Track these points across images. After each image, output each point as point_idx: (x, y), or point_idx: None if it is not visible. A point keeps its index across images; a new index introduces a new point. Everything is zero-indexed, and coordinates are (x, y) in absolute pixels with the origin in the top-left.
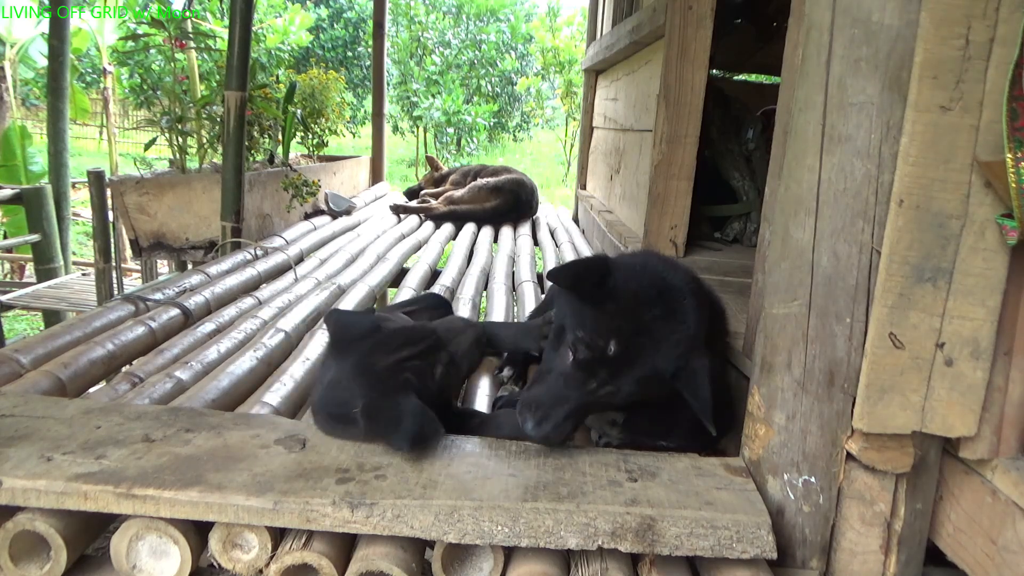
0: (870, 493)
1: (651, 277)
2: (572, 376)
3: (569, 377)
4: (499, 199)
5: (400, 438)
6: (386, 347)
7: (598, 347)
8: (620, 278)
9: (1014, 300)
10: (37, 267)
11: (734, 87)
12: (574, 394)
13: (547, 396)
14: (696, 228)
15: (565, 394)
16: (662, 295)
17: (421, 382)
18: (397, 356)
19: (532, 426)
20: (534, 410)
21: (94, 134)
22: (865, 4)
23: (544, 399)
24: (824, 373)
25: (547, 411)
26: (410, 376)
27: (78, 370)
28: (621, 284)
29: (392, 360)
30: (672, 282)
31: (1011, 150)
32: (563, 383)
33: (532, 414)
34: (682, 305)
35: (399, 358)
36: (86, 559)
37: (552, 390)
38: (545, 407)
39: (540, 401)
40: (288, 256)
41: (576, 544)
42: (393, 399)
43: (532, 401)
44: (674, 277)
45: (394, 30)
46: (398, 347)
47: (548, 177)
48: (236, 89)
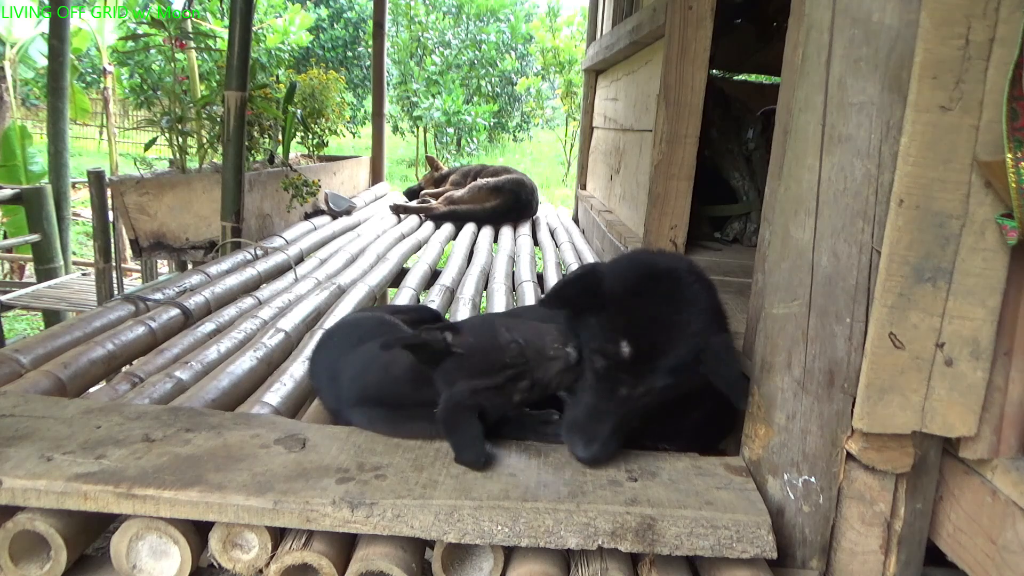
0: (870, 493)
1: (643, 268)
2: (600, 390)
3: (598, 392)
4: (499, 199)
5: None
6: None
7: (611, 352)
8: (611, 280)
9: (1014, 300)
10: (37, 267)
11: (734, 87)
12: (609, 407)
13: (584, 416)
14: (696, 228)
15: (600, 409)
16: (659, 282)
17: (493, 406)
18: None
19: (582, 448)
20: (578, 432)
21: (94, 134)
22: (865, 4)
23: (582, 420)
24: (824, 373)
25: (591, 431)
26: (483, 403)
27: (78, 370)
28: (614, 285)
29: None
30: (666, 267)
31: (1011, 150)
32: (595, 399)
33: (579, 436)
34: (682, 286)
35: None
36: (86, 559)
37: (587, 409)
38: (587, 428)
39: (579, 423)
40: (288, 256)
41: (576, 544)
42: (468, 419)
43: (573, 424)
44: (668, 262)
45: (394, 30)
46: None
47: (548, 177)
48: (236, 89)
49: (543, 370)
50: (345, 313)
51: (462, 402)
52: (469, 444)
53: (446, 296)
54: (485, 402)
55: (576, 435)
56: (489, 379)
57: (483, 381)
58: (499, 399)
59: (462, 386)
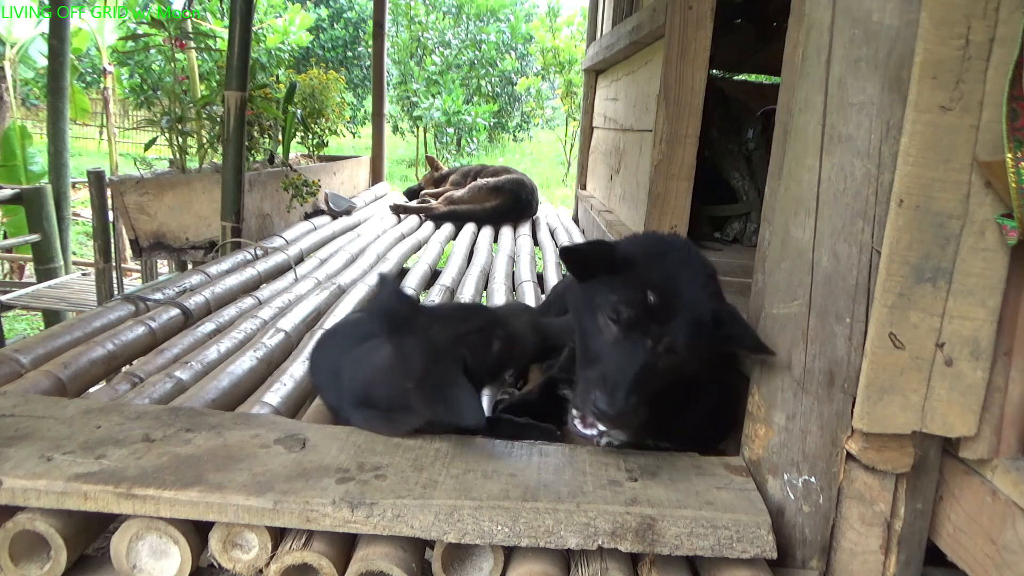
0: (870, 493)
1: (654, 237)
2: (624, 342)
3: (621, 344)
4: (499, 199)
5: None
6: (444, 321)
7: (639, 300)
8: (624, 247)
9: (1014, 300)
10: (37, 267)
11: (734, 87)
12: (635, 359)
13: (603, 371)
14: (696, 228)
15: (624, 363)
16: (672, 248)
17: (477, 358)
18: (455, 331)
19: (605, 400)
20: (597, 387)
21: (94, 134)
22: (865, 4)
23: (600, 375)
24: (824, 373)
25: (612, 383)
26: (466, 352)
27: (78, 370)
28: (630, 250)
29: (450, 334)
30: (674, 239)
31: (1011, 150)
32: (619, 352)
33: (599, 391)
34: (692, 255)
35: (457, 332)
36: (86, 559)
37: (609, 364)
38: (607, 381)
39: (597, 379)
40: (288, 256)
41: (576, 544)
42: (448, 372)
43: (589, 383)
44: (670, 237)
45: (394, 30)
46: (456, 322)
47: (548, 177)
48: (236, 89)
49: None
50: (345, 313)
51: (446, 352)
52: (464, 402)
53: (446, 296)
54: (468, 351)
55: (596, 390)
56: (467, 323)
57: (462, 325)
58: (481, 350)
59: (441, 334)
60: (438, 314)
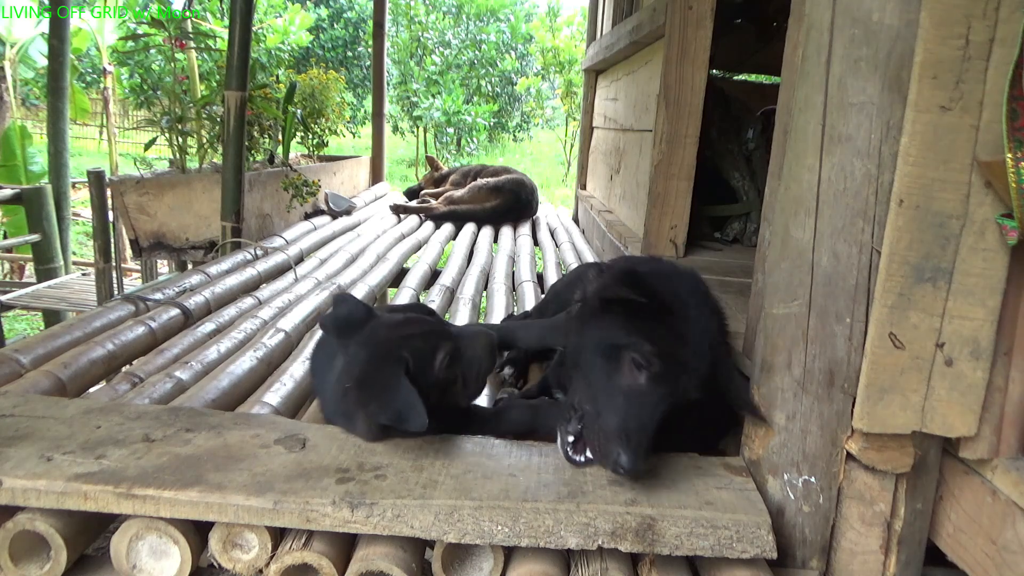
0: (870, 493)
1: (670, 275)
2: (648, 394)
3: (645, 396)
4: (499, 199)
5: (382, 413)
6: (390, 326)
7: (672, 355)
8: (655, 283)
9: (1014, 300)
10: (37, 267)
11: (734, 87)
12: (657, 412)
13: (625, 423)
14: (696, 228)
15: (646, 417)
16: (691, 292)
17: (419, 365)
18: (398, 333)
19: (630, 459)
20: (619, 442)
21: (94, 134)
22: (865, 4)
23: (622, 428)
24: (824, 373)
25: (635, 439)
26: (407, 355)
27: (78, 370)
28: (661, 288)
29: (393, 336)
30: (688, 278)
31: (1011, 150)
32: (642, 406)
33: (622, 446)
34: (709, 299)
35: (400, 334)
36: (86, 559)
37: (632, 417)
38: (631, 436)
39: (618, 431)
40: (288, 256)
41: (576, 544)
42: (388, 373)
43: (610, 433)
44: (687, 275)
45: (394, 30)
46: (401, 326)
47: (548, 177)
48: (236, 89)
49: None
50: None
51: (386, 354)
52: (404, 404)
53: (446, 296)
54: (409, 356)
55: (618, 444)
56: (412, 327)
57: (406, 329)
58: (425, 356)
59: (383, 336)
60: (387, 320)
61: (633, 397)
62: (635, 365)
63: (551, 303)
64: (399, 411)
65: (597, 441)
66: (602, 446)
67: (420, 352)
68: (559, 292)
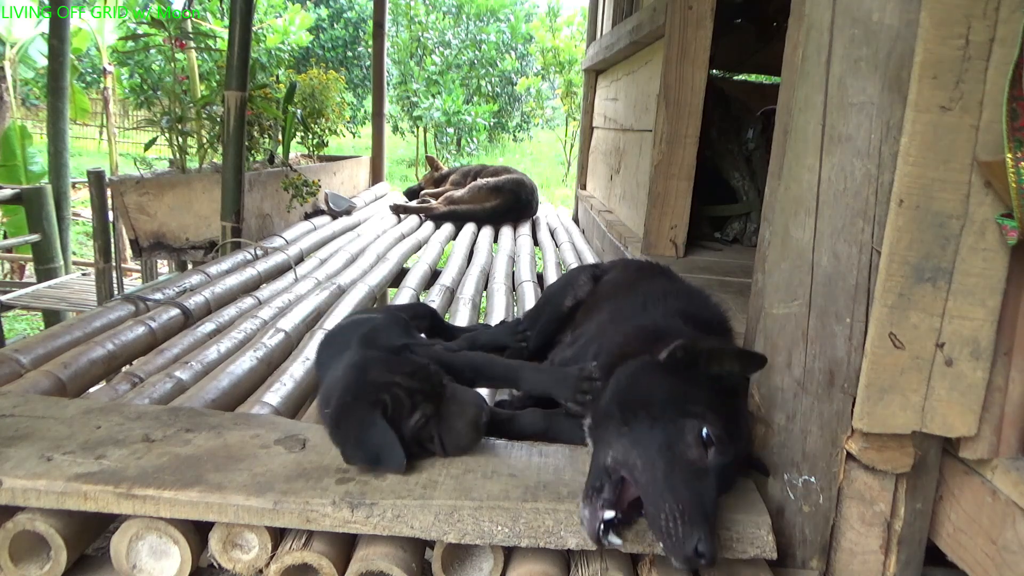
0: (870, 493)
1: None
2: (712, 471)
3: (710, 473)
4: (499, 199)
5: (357, 455)
6: (388, 365)
7: (739, 436)
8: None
9: (1014, 300)
10: (37, 267)
11: (734, 87)
12: (715, 493)
13: (708, 505)
14: (696, 228)
15: (708, 499)
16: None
17: (395, 413)
18: (388, 378)
19: (709, 546)
20: (704, 527)
21: (94, 134)
22: (865, 4)
23: (708, 510)
24: (824, 373)
25: (712, 526)
26: (387, 400)
27: (78, 370)
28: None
29: (382, 379)
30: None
31: (1011, 150)
32: (710, 485)
33: (706, 534)
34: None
35: (389, 380)
36: (86, 559)
37: (707, 497)
38: (710, 523)
39: (705, 514)
40: (288, 256)
41: (576, 544)
42: (365, 413)
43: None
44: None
45: (394, 30)
46: (395, 370)
47: (548, 177)
48: (236, 89)
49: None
50: (345, 313)
51: (365, 394)
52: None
53: (446, 296)
54: (390, 400)
55: (699, 529)
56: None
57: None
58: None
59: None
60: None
61: (697, 474)
62: (705, 442)
63: (544, 308)
64: (376, 453)
65: (664, 520)
66: (674, 528)
67: (398, 401)
68: (551, 297)
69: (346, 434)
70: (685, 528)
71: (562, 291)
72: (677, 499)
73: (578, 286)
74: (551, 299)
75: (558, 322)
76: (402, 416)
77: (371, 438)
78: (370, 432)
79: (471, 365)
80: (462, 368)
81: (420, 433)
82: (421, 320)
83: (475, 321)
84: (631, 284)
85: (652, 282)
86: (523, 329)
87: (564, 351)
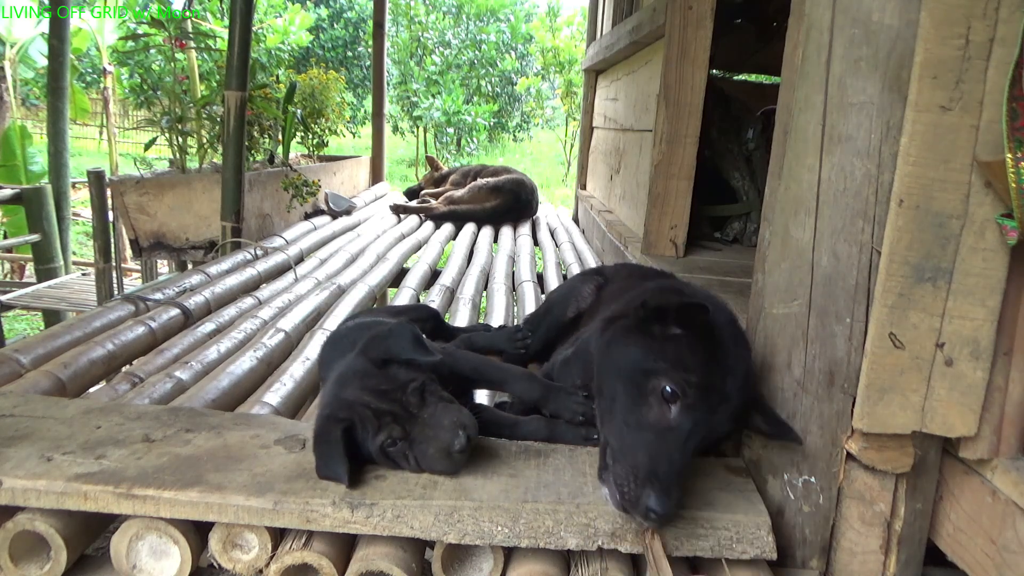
0: (870, 493)
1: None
2: (678, 428)
3: (675, 430)
4: (499, 199)
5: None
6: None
7: (715, 388)
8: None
9: (1014, 300)
10: (37, 267)
11: (734, 87)
12: (688, 449)
13: (662, 463)
14: (696, 228)
15: (678, 454)
16: (727, 321)
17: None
18: (358, 397)
19: (662, 502)
20: (650, 483)
21: (94, 134)
22: (865, 4)
23: (660, 469)
24: (824, 373)
25: (670, 484)
26: (354, 419)
27: (78, 370)
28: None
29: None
30: (724, 308)
31: (1011, 150)
32: (672, 440)
33: (653, 487)
34: (739, 328)
35: (357, 400)
36: (86, 559)
37: (662, 455)
38: (666, 480)
39: (656, 472)
40: (288, 256)
41: (576, 544)
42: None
43: (643, 474)
44: (720, 302)
45: (394, 30)
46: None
47: (548, 177)
48: (236, 89)
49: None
50: (345, 313)
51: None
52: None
53: (446, 296)
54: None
55: (647, 487)
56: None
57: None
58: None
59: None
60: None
61: (661, 431)
62: (672, 394)
63: (545, 317)
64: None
65: (624, 483)
66: (628, 490)
67: (365, 422)
68: (552, 306)
69: (315, 447)
70: (636, 489)
71: (565, 301)
72: (633, 462)
73: (581, 297)
74: (553, 308)
75: (559, 330)
76: (368, 437)
77: (328, 454)
78: (326, 448)
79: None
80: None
81: (390, 452)
82: (424, 323)
83: (475, 321)
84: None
85: (654, 281)
86: (522, 336)
87: (566, 350)
